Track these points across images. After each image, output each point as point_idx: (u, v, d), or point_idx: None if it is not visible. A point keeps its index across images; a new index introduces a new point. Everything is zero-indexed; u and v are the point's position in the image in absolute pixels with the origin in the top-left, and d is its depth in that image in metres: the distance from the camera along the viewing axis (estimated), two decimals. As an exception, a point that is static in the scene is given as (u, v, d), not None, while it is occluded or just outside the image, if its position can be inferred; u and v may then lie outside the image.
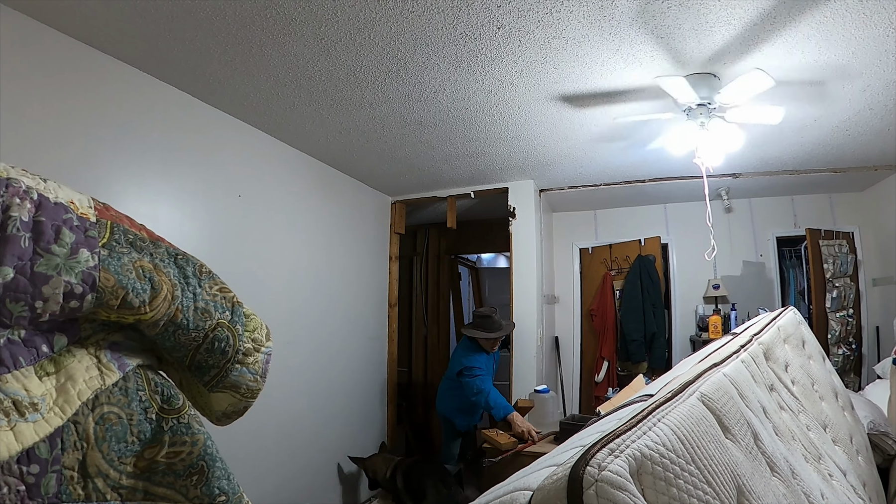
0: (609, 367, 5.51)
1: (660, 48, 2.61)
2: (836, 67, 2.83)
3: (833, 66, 2.81)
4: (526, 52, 2.66)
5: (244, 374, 1.02)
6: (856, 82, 3.00)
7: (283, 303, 3.83)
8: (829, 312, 4.95)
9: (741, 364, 1.44)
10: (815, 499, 1.24)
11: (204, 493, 0.90)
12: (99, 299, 0.81)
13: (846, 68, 2.83)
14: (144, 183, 2.90)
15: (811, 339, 2.40)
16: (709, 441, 0.89)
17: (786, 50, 2.65)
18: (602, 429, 0.84)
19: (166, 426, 0.89)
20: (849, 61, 2.76)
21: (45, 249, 0.76)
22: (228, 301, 1.02)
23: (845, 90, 3.11)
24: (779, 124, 3.43)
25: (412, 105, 3.26)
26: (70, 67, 2.53)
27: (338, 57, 2.70)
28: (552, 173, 4.78)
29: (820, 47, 2.61)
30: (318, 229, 4.33)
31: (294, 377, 3.89)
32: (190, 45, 2.61)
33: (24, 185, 0.79)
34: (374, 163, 4.43)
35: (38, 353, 0.79)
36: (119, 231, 0.90)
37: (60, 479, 0.76)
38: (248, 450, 3.37)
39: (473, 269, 7.69)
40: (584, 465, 0.64)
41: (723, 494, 0.82)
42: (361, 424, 4.83)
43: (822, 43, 2.58)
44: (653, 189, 5.18)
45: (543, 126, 3.62)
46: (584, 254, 6.03)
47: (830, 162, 4.51)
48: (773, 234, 5.44)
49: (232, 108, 3.36)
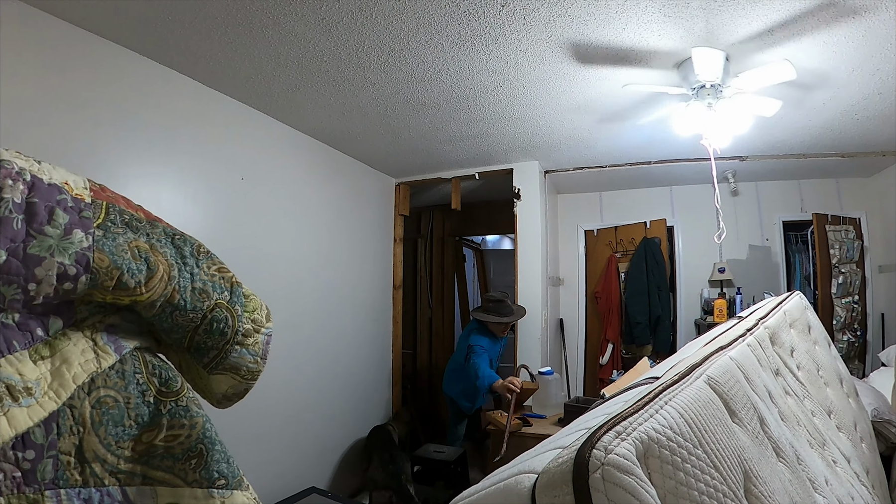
0: (613, 349, 5.50)
1: (673, 25, 2.55)
2: (845, 51, 2.78)
3: (843, 50, 2.77)
4: (531, 31, 2.61)
5: (244, 355, 1.01)
6: (865, 66, 2.95)
7: (286, 286, 3.82)
8: (834, 298, 4.93)
9: (747, 348, 1.42)
10: (819, 485, 1.23)
11: (203, 477, 0.89)
12: (93, 280, 0.79)
13: (856, 51, 2.78)
14: (146, 167, 2.88)
15: (817, 325, 2.39)
16: (716, 425, 0.87)
17: (805, 40, 2.62)
18: (608, 411, 0.82)
19: (164, 409, 0.88)
20: (858, 44, 2.71)
21: (38, 231, 0.75)
22: (227, 281, 1.01)
23: (854, 74, 3.05)
24: (787, 107, 3.39)
25: (415, 85, 3.23)
26: (69, 54, 2.51)
27: (339, 36, 2.66)
28: (557, 154, 4.74)
29: (831, 30, 2.57)
30: (322, 212, 4.31)
31: (297, 360, 3.90)
32: (189, 27, 2.58)
33: (17, 166, 0.77)
34: (378, 144, 4.40)
35: (33, 337, 0.78)
36: (115, 212, 0.89)
37: (57, 464, 0.75)
38: (252, 433, 3.39)
39: (478, 251, 7.67)
40: (590, 448, 0.63)
41: (730, 479, 0.81)
42: (366, 407, 4.85)
43: (833, 26, 2.53)
44: (659, 171, 5.13)
45: (548, 106, 3.57)
46: (590, 236, 6.00)
47: (838, 146, 4.45)
48: (779, 219, 5.40)
49: (233, 91, 3.33)
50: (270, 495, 3.41)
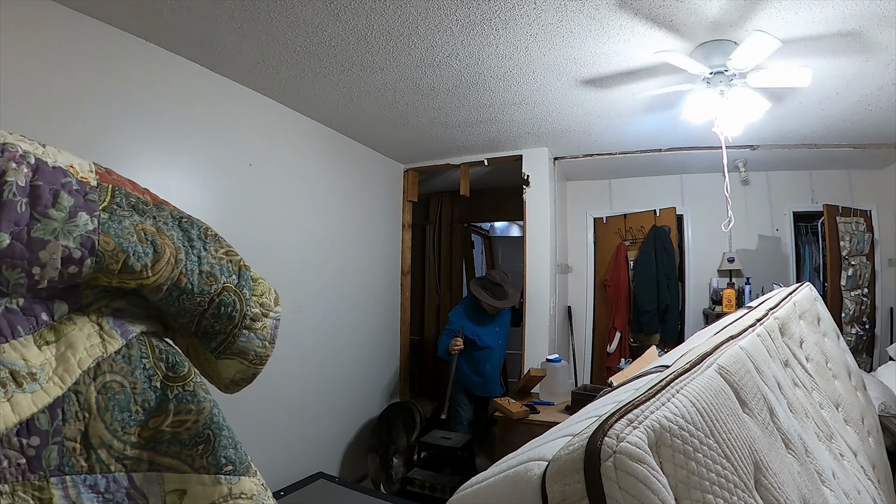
0: (621, 337, 5.50)
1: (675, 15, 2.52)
2: (860, 40, 2.73)
3: (857, 39, 2.72)
4: (541, 15, 2.58)
5: (252, 339, 1.00)
6: (880, 56, 2.90)
7: (294, 271, 3.83)
8: (843, 291, 4.89)
9: (757, 338, 1.41)
10: (826, 478, 1.22)
11: (210, 463, 0.89)
12: (99, 264, 0.78)
13: (870, 41, 2.74)
14: (155, 154, 2.88)
15: (826, 317, 2.37)
16: (727, 414, 0.86)
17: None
18: (618, 399, 0.81)
19: (171, 394, 0.87)
20: (873, 34, 2.66)
21: (43, 214, 0.74)
22: (235, 264, 1.00)
23: (869, 64, 3.01)
24: (799, 96, 3.34)
25: (425, 70, 3.20)
26: (75, 41, 2.50)
27: (348, 21, 2.64)
28: (567, 141, 4.70)
29: (845, 17, 2.52)
30: (330, 197, 4.31)
31: (305, 346, 3.91)
32: (197, 13, 2.56)
33: (21, 149, 0.76)
34: (387, 130, 4.38)
35: (38, 322, 0.77)
36: (121, 194, 0.88)
37: (62, 450, 0.74)
38: (259, 419, 3.41)
39: (486, 238, 7.66)
40: (601, 436, 0.62)
41: (741, 469, 0.80)
42: (373, 393, 4.87)
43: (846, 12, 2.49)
44: (669, 159, 5.09)
45: (558, 92, 3.54)
46: (599, 223, 5.98)
47: (850, 137, 4.40)
48: (789, 209, 5.35)
49: (241, 77, 3.31)
50: (278, 481, 3.43)
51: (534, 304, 4.81)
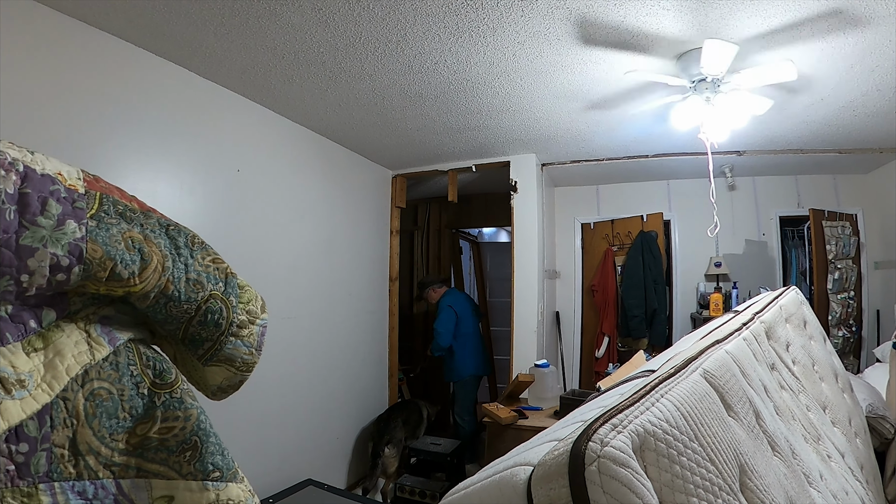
0: (609, 342, 5.51)
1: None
2: (844, 47, 2.77)
3: (842, 45, 2.76)
4: (529, 23, 2.60)
5: (239, 346, 1.01)
6: (865, 62, 2.94)
7: (282, 278, 3.82)
8: (830, 294, 4.94)
9: (743, 342, 1.42)
10: (813, 479, 1.23)
11: (198, 469, 0.89)
12: (87, 271, 0.79)
13: (854, 48, 2.77)
14: (142, 159, 2.86)
15: (813, 320, 2.39)
16: (712, 418, 0.87)
17: (805, 39, 2.63)
18: (604, 404, 0.82)
19: (158, 401, 0.88)
20: (857, 41, 2.70)
21: (31, 221, 0.74)
22: (221, 272, 1.00)
23: (854, 70, 3.05)
24: (784, 102, 3.36)
25: (413, 77, 3.21)
26: (65, 45, 2.49)
27: (336, 27, 2.65)
28: (554, 147, 4.73)
29: (831, 30, 2.57)
30: (318, 203, 4.30)
31: (293, 352, 3.90)
32: (186, 18, 2.56)
33: (10, 157, 0.76)
34: (375, 136, 4.38)
35: (26, 329, 0.77)
36: (108, 202, 0.88)
37: (51, 457, 0.75)
38: (247, 425, 3.39)
39: (475, 244, 7.67)
40: (586, 441, 0.63)
41: (725, 473, 0.81)
42: (363, 399, 4.85)
43: (833, 28, 2.54)
44: (656, 165, 5.13)
45: (546, 99, 3.56)
46: (586, 229, 6.00)
47: (836, 142, 4.45)
48: (776, 214, 5.41)
49: (229, 83, 3.31)
50: (266, 487, 3.41)
51: (522, 310, 4.82)
